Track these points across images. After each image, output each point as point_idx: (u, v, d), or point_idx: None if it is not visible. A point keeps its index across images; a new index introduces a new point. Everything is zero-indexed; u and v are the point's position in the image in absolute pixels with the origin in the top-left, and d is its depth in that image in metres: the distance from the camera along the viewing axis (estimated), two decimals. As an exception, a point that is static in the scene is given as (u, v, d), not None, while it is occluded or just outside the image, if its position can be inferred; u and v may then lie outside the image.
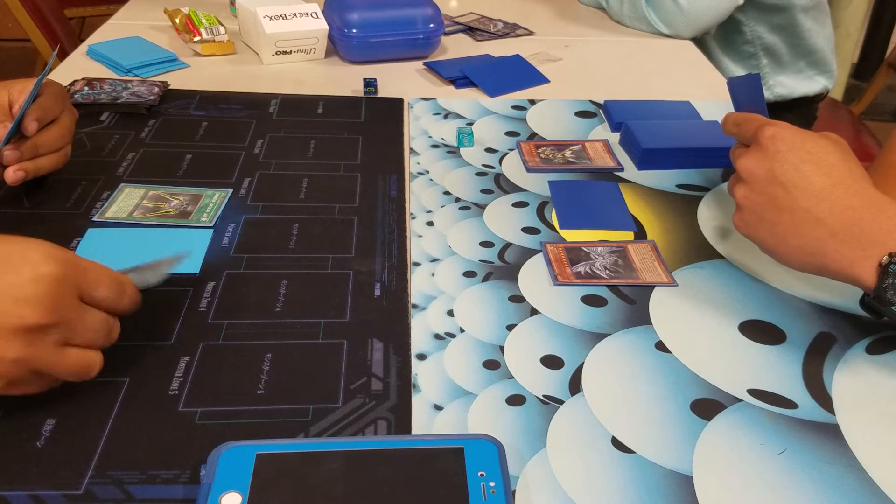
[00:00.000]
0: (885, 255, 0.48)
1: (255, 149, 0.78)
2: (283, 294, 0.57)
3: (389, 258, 0.62)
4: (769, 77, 1.32)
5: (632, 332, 0.55)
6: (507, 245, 0.64)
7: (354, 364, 0.51)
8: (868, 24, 2.82)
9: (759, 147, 0.55)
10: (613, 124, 0.86)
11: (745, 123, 0.58)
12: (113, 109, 0.84)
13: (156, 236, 0.62)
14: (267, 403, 0.47)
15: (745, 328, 0.55)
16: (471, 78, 0.96)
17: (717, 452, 0.45)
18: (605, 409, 0.48)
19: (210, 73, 0.96)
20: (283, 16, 0.99)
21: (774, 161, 0.53)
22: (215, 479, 0.40)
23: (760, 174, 0.54)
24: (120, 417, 0.46)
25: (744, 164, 0.55)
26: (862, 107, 1.80)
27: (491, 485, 0.40)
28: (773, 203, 0.53)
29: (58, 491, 0.41)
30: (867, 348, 0.54)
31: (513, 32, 1.17)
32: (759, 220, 0.55)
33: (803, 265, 0.53)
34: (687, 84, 1.00)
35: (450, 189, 0.72)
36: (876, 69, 1.83)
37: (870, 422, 0.48)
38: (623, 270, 0.61)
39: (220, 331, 0.53)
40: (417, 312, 0.56)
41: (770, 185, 0.53)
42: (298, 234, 0.64)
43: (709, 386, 0.50)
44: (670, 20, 1.14)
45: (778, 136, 0.54)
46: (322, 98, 0.90)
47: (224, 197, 0.69)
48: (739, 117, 0.60)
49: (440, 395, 0.49)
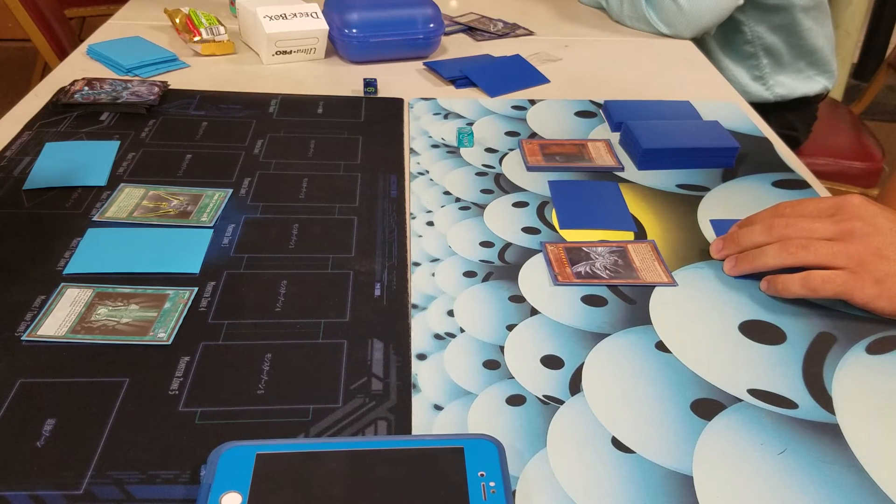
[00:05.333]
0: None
1: (255, 149, 0.78)
2: (284, 294, 0.57)
3: (389, 258, 0.62)
4: (769, 77, 1.32)
5: (632, 332, 0.55)
6: (508, 245, 0.64)
7: (354, 364, 0.51)
8: (868, 24, 2.82)
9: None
10: (613, 124, 0.86)
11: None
12: (113, 109, 0.84)
13: (156, 236, 0.62)
14: (267, 403, 0.47)
15: (745, 328, 0.55)
16: (471, 78, 0.96)
17: (717, 452, 0.45)
18: (605, 409, 0.48)
19: (210, 73, 0.96)
20: (283, 16, 0.99)
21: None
22: (215, 479, 0.40)
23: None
24: (120, 417, 0.46)
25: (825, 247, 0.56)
26: (862, 107, 1.80)
27: (491, 485, 0.40)
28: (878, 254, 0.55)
29: (58, 491, 0.41)
30: (867, 348, 0.54)
31: (513, 32, 1.17)
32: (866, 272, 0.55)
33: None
34: (687, 84, 1.00)
35: (450, 189, 0.72)
36: (876, 69, 1.83)
37: (870, 422, 0.48)
38: (623, 270, 0.61)
39: (220, 331, 0.53)
40: (417, 312, 0.56)
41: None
42: (298, 234, 0.64)
43: (709, 386, 0.50)
44: (670, 20, 1.14)
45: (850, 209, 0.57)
46: (322, 98, 0.90)
47: (224, 197, 0.69)
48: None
49: (440, 395, 0.49)
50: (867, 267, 0.54)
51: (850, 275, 0.54)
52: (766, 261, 0.58)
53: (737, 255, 0.60)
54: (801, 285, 0.56)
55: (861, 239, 0.55)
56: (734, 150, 0.78)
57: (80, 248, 0.60)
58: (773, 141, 0.84)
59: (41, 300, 0.55)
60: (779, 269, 0.57)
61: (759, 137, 0.85)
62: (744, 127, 0.87)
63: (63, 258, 0.59)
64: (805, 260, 0.56)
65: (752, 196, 0.73)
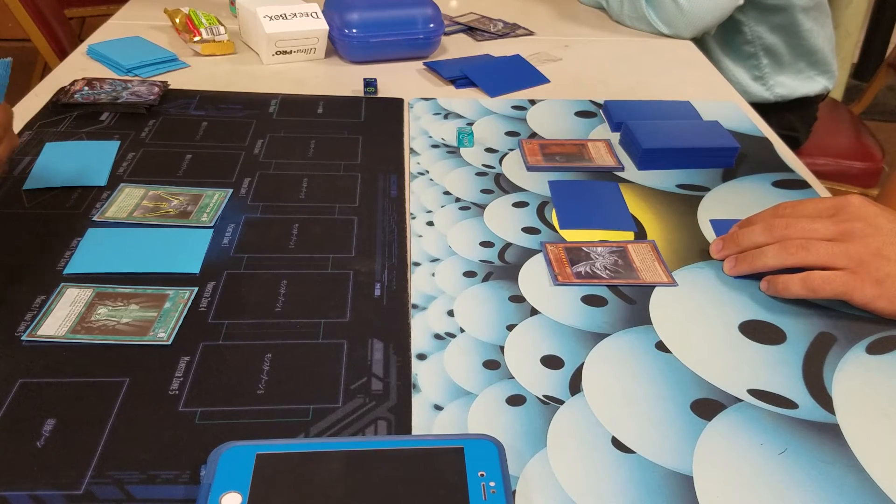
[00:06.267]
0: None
1: (256, 149, 0.78)
2: (284, 294, 0.57)
3: (389, 258, 0.62)
4: (769, 77, 1.32)
5: (632, 332, 0.55)
6: (508, 245, 0.64)
7: (354, 364, 0.51)
8: (868, 24, 2.82)
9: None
10: (613, 124, 0.86)
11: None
12: (113, 109, 0.84)
13: (156, 236, 0.62)
14: (267, 403, 0.47)
15: (745, 328, 0.55)
16: (471, 78, 0.96)
17: (718, 452, 0.45)
18: (605, 409, 0.48)
19: (210, 73, 0.96)
20: (283, 16, 0.99)
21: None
22: (215, 480, 0.40)
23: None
24: (120, 417, 0.46)
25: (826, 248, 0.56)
26: (862, 107, 1.80)
27: (491, 485, 0.40)
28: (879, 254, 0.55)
29: (58, 491, 0.41)
30: (867, 348, 0.54)
31: (513, 32, 1.17)
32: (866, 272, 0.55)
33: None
34: (687, 84, 1.00)
35: (450, 189, 0.72)
36: (876, 69, 1.83)
37: (870, 422, 0.48)
38: (623, 270, 0.61)
39: (220, 331, 0.53)
40: (417, 312, 0.56)
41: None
42: (298, 234, 0.64)
43: (709, 386, 0.50)
44: (670, 20, 1.14)
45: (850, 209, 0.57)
46: (322, 98, 0.90)
47: (224, 197, 0.69)
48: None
49: (440, 395, 0.49)
50: (867, 267, 0.54)
51: (850, 275, 0.54)
52: (766, 261, 0.58)
53: (737, 255, 0.60)
54: (801, 285, 0.56)
55: (861, 239, 0.55)
56: (734, 150, 0.78)
57: (80, 248, 0.60)
58: (773, 141, 0.84)
59: (41, 300, 0.55)
60: (779, 269, 0.57)
61: (759, 137, 0.85)
62: (744, 127, 0.87)
63: (63, 258, 0.59)
64: (805, 260, 0.56)
65: (752, 196, 0.73)
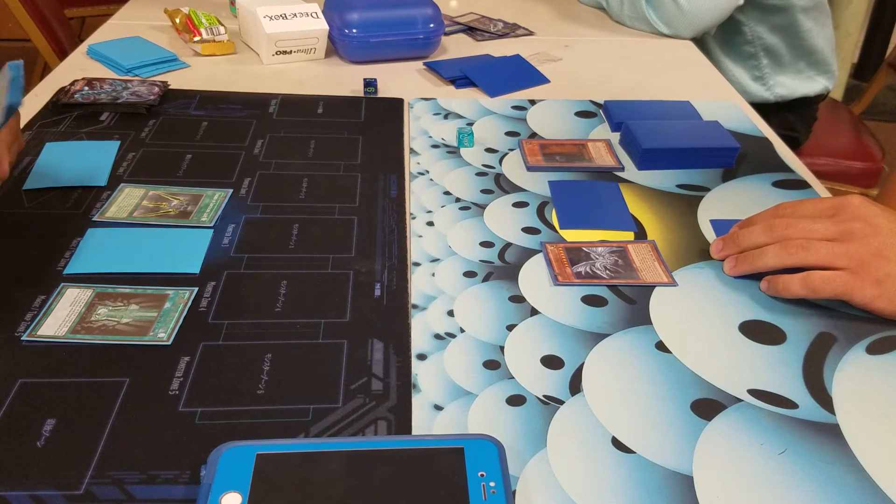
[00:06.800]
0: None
1: (255, 149, 0.78)
2: (284, 294, 0.57)
3: (389, 258, 0.62)
4: (769, 77, 1.32)
5: (632, 332, 0.55)
6: (508, 245, 0.64)
7: (354, 364, 0.51)
8: (868, 24, 2.82)
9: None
10: (613, 124, 0.86)
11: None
12: (113, 109, 0.84)
13: (156, 236, 0.62)
14: (267, 403, 0.47)
15: (745, 328, 0.55)
16: (471, 78, 0.96)
17: (718, 452, 0.45)
18: (605, 410, 0.48)
19: (210, 73, 0.96)
20: (283, 16, 0.99)
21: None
22: (215, 480, 0.40)
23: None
24: (120, 417, 0.46)
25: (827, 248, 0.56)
26: (862, 107, 1.80)
27: (491, 485, 0.40)
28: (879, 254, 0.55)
29: (58, 491, 0.41)
30: (867, 348, 0.54)
31: (513, 32, 1.17)
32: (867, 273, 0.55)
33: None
34: (687, 84, 1.00)
35: (450, 189, 0.72)
36: (876, 69, 1.83)
37: (870, 422, 0.48)
38: (623, 270, 0.61)
39: (220, 331, 0.53)
40: (417, 312, 0.56)
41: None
42: (298, 234, 0.64)
43: (709, 386, 0.50)
44: (670, 20, 1.14)
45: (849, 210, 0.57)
46: (322, 98, 0.90)
47: (224, 197, 0.69)
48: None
49: (440, 395, 0.49)
50: (867, 267, 0.54)
51: (851, 275, 0.54)
52: (766, 261, 0.58)
53: (737, 255, 0.60)
54: (802, 285, 0.56)
55: (861, 239, 0.55)
56: (734, 150, 0.78)
57: (80, 248, 0.60)
58: (773, 141, 0.84)
59: (41, 300, 0.55)
60: (779, 269, 0.57)
61: (759, 137, 0.85)
62: (744, 127, 0.87)
63: (63, 258, 0.59)
64: (805, 260, 0.56)
65: (753, 196, 0.73)
